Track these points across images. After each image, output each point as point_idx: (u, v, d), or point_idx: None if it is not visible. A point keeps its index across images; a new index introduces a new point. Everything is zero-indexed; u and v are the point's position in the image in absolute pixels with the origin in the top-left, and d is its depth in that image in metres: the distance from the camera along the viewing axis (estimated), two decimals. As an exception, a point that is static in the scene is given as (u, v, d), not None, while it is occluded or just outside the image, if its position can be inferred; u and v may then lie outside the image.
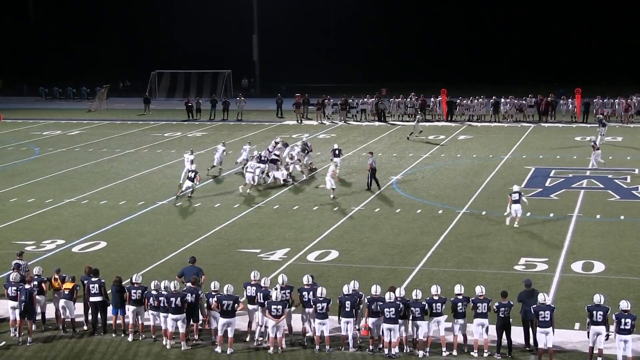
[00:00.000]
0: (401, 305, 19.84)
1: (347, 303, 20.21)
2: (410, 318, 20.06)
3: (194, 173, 35.78)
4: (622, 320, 18.71)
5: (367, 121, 58.91)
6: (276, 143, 41.56)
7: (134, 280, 21.42)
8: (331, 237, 29.73)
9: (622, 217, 31.32)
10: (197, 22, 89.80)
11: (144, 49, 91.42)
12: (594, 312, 19.03)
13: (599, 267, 25.68)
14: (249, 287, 21.06)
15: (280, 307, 20.11)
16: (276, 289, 20.52)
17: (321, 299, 20.32)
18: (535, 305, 19.42)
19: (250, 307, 20.96)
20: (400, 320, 19.93)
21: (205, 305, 20.89)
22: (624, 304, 18.89)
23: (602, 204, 33.40)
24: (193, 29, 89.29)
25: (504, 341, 19.86)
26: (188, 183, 35.76)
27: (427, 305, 19.99)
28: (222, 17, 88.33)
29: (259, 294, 20.73)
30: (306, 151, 41.10)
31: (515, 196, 30.28)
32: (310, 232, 30.38)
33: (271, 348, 20.15)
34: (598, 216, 31.56)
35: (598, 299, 19.19)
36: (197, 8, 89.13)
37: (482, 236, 29.39)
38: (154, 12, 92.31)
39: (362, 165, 42.31)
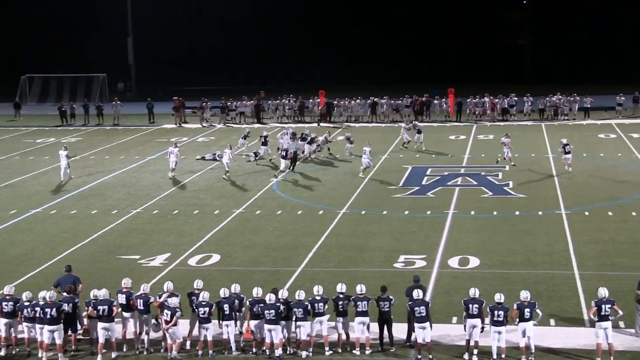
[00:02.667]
0: (281, 307, 19.89)
1: (225, 306, 20.16)
2: (293, 319, 20.14)
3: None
4: (496, 312, 19.35)
5: (246, 124, 58.82)
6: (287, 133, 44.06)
7: (6, 292, 20.70)
8: (212, 241, 29.54)
9: (494, 213, 32.34)
10: (70, 25, 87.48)
11: (14, 52, 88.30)
12: (470, 306, 19.59)
13: (474, 262, 26.44)
14: (119, 294, 20.68)
15: (170, 312, 19.87)
16: (176, 295, 20.32)
17: (204, 303, 20.17)
18: (411, 302, 19.85)
19: (124, 314, 20.59)
20: (283, 322, 19.99)
21: (85, 314, 20.42)
22: (497, 297, 19.55)
23: (476, 200, 34.40)
24: (66, 31, 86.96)
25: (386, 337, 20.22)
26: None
27: (309, 305, 20.11)
28: (96, 20, 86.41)
29: (139, 300, 20.41)
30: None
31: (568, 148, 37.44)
32: (191, 236, 30.10)
33: (168, 354, 19.92)
34: (472, 212, 32.49)
35: (473, 292, 19.77)
36: (70, 10, 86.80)
37: (362, 235, 29.79)
38: (26, 13, 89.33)
39: (242, 168, 42.27)
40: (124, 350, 20.40)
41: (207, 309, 20.09)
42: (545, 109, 57.03)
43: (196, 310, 20.24)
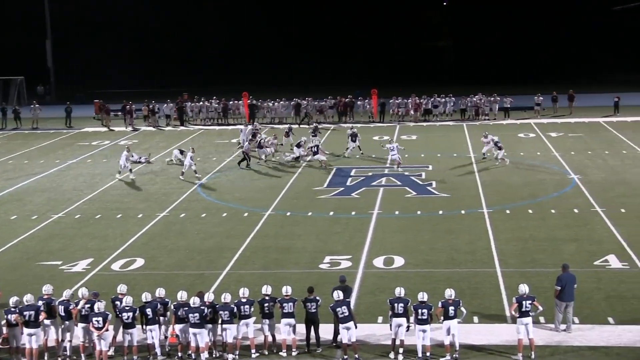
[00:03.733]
0: (206, 310, 19.76)
1: (148, 310, 19.94)
2: (219, 322, 20.02)
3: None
4: (419, 311, 19.56)
5: (170, 126, 58.25)
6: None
7: None
8: (136, 245, 29.15)
9: (418, 212, 32.69)
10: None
11: None
12: (395, 305, 19.77)
13: (399, 261, 26.68)
14: (40, 301, 20.26)
15: (101, 318, 19.55)
16: (100, 301, 19.96)
17: (127, 307, 19.89)
18: (332, 304, 19.94)
19: (45, 321, 20.15)
20: (209, 325, 19.86)
21: (4, 322, 19.93)
22: (420, 296, 19.76)
23: (400, 200, 34.72)
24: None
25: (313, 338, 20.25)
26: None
27: (235, 308, 20.01)
28: (14, 22, 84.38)
29: (60, 307, 20.03)
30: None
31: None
32: (114, 240, 29.65)
33: None
34: (397, 212, 32.78)
35: (398, 291, 19.96)
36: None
37: (287, 237, 29.79)
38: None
39: (165, 172, 41.85)
40: (45, 358, 19.99)
41: (130, 314, 19.82)
42: (466, 109, 57.90)
43: (120, 315, 19.95)
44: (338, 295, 19.98)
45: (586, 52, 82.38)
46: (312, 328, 20.30)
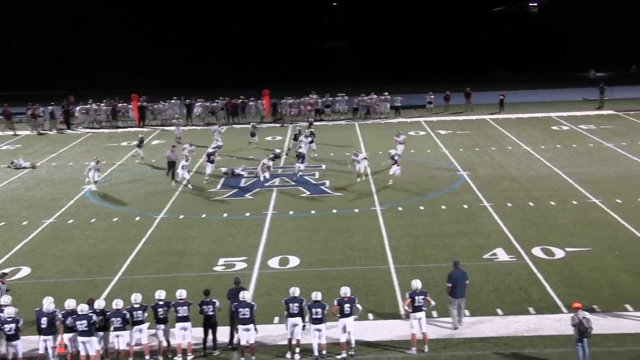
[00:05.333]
0: (94, 318, 19.30)
1: (43, 320, 19.34)
2: (112, 329, 19.60)
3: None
4: (314, 310, 19.64)
5: (56, 129, 56.69)
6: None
7: None
8: (21, 253, 28.29)
9: (312, 212, 32.82)
10: None
11: None
12: (291, 305, 19.79)
13: (294, 261, 26.72)
14: None
15: (13, 325, 19.08)
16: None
17: (9, 319, 19.31)
18: (236, 303, 19.82)
19: None
20: (100, 333, 19.42)
21: None
22: (314, 295, 19.84)
23: (294, 200, 34.77)
24: None
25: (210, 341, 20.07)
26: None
27: (128, 314, 19.63)
28: None
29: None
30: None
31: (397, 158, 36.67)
32: (-2, 249, 28.72)
33: None
34: (291, 212, 32.82)
35: (293, 291, 19.99)
36: None
37: (181, 240, 29.44)
38: None
39: (53, 176, 40.75)
40: None
41: (13, 325, 19.20)
42: (358, 108, 58.49)
43: (2, 327, 19.29)
44: (243, 296, 19.86)
45: (473, 51, 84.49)
46: (211, 331, 20.12)
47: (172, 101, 58.53)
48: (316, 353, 19.61)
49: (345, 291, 19.99)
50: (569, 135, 48.10)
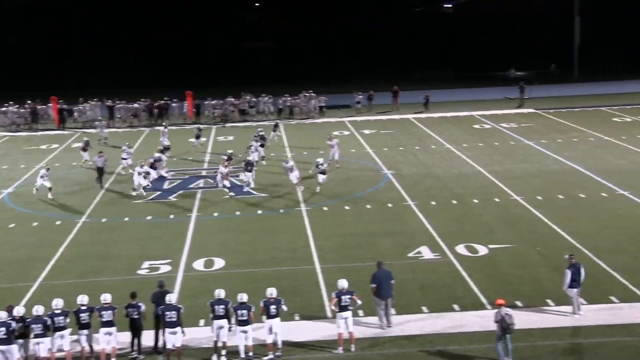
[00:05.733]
0: (13, 325, 18.81)
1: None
2: (32, 336, 19.14)
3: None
4: (239, 312, 19.52)
5: (-27, 133, 55.25)
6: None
7: None
8: (-62, 260, 27.45)
9: (237, 213, 32.66)
10: None
11: None
12: (216, 307, 19.63)
13: (219, 263, 26.54)
14: None
15: None
16: None
17: None
18: (162, 306, 19.58)
19: None
20: (20, 340, 18.94)
21: None
22: (240, 297, 19.73)
23: (218, 201, 34.54)
24: None
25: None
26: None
27: (49, 320, 19.20)
28: None
29: None
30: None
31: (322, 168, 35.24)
32: None
33: None
34: (215, 214, 32.59)
35: (218, 293, 19.84)
36: None
37: (104, 244, 28.97)
38: None
39: (-31, 180, 39.71)
40: None
41: None
42: (283, 108, 58.47)
43: None
44: (170, 299, 19.62)
45: (398, 50, 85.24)
46: (135, 334, 19.84)
47: (93, 103, 57.54)
48: (242, 355, 19.51)
49: (272, 292, 19.92)
50: (490, 134, 48.94)
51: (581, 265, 21.33)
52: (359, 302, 20.34)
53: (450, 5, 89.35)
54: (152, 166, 37.51)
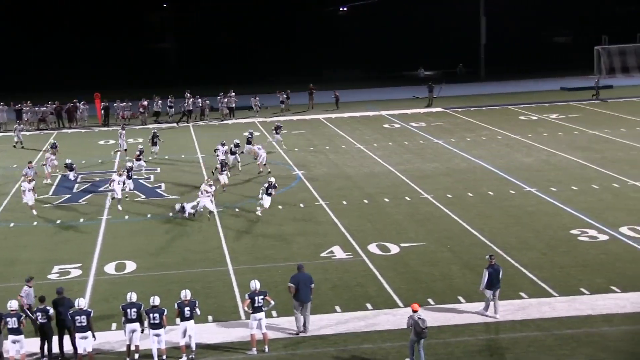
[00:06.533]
0: None
1: None
2: None
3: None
4: (151, 315, 19.27)
5: None
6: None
7: None
8: None
9: (149, 216, 32.26)
10: None
11: None
12: (128, 310, 19.34)
13: (130, 266, 26.17)
14: None
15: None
16: None
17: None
18: (71, 311, 19.19)
19: None
20: None
21: None
22: (152, 300, 19.48)
23: (129, 204, 34.02)
24: None
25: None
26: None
27: (-49, 329, 18.62)
28: None
29: None
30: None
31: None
32: None
33: None
34: (127, 217, 32.11)
35: (129, 296, 19.55)
36: None
37: (12, 249, 28.34)
38: None
39: None
40: None
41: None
42: (192, 110, 57.97)
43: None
44: (79, 303, 19.23)
45: (306, 51, 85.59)
46: (44, 339, 19.41)
47: (0, 106, 55.96)
48: (156, 358, 19.26)
49: (186, 294, 19.72)
50: (400, 133, 49.56)
51: (500, 268, 21.46)
52: (272, 302, 20.30)
53: (345, 9, 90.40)
54: (129, 175, 35.31)
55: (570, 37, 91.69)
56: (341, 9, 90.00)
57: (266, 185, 31.42)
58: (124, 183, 34.26)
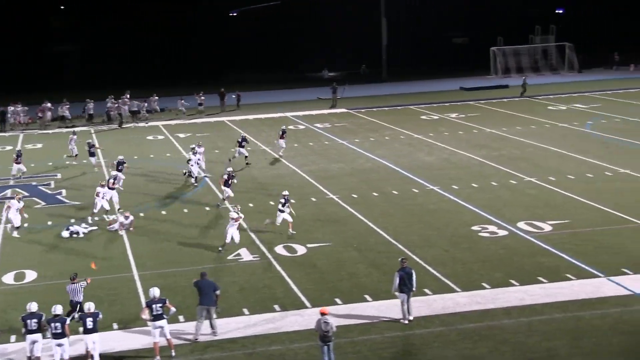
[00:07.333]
0: None
1: None
2: None
3: None
4: (53, 325, 18.80)
5: None
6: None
7: None
8: None
9: (49, 223, 31.48)
10: None
11: None
12: (28, 322, 18.82)
13: (31, 275, 25.50)
14: None
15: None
16: None
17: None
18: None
19: None
20: None
21: None
22: (53, 309, 19.01)
23: (29, 211, 33.00)
24: None
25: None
26: None
27: None
28: None
29: None
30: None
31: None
32: None
33: None
34: (26, 224, 31.22)
35: (29, 307, 19.03)
36: None
37: None
38: None
39: None
40: None
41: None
42: (93, 114, 56.90)
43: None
44: None
45: (209, 52, 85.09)
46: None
47: None
48: (59, 369, 18.80)
49: (89, 307, 19.27)
50: (305, 134, 49.73)
51: (412, 270, 21.41)
52: (173, 309, 19.90)
53: (235, 14, 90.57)
54: (110, 187, 32.97)
55: (467, 38, 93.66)
56: (231, 13, 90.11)
57: (282, 200, 29.10)
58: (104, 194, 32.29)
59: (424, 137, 47.21)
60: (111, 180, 33.09)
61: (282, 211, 28.75)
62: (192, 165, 36.89)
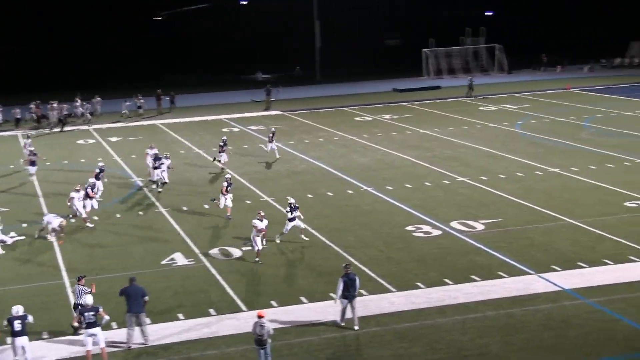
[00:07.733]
0: None
1: None
2: None
3: None
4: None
5: None
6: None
7: None
8: None
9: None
10: None
11: None
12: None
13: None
14: None
15: None
16: None
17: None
18: None
19: None
20: None
21: None
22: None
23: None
24: None
25: None
26: None
27: None
28: None
29: None
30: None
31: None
32: None
33: None
34: (-48, 232, 30.44)
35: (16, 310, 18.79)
36: None
37: None
38: None
39: None
40: None
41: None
42: (21, 118, 55.85)
43: None
44: None
45: (142, 55, 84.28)
46: None
47: None
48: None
49: (17, 310, 18.86)
50: (240, 137, 49.51)
51: (356, 276, 21.10)
52: (106, 317, 19.56)
53: (160, 18, 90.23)
54: (87, 194, 31.87)
55: (400, 39, 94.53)
56: (155, 18, 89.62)
57: (288, 209, 28.30)
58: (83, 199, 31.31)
59: (358, 139, 47.42)
60: (89, 189, 32.11)
61: (292, 219, 27.95)
62: (163, 171, 36.25)
